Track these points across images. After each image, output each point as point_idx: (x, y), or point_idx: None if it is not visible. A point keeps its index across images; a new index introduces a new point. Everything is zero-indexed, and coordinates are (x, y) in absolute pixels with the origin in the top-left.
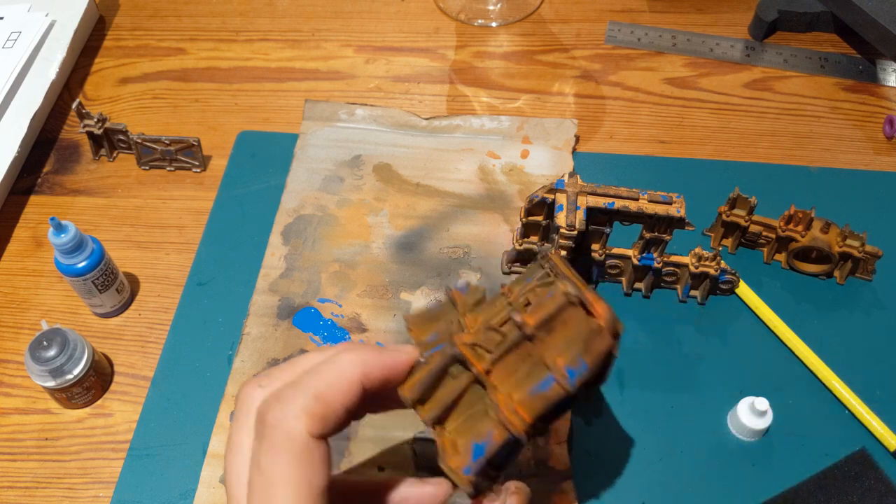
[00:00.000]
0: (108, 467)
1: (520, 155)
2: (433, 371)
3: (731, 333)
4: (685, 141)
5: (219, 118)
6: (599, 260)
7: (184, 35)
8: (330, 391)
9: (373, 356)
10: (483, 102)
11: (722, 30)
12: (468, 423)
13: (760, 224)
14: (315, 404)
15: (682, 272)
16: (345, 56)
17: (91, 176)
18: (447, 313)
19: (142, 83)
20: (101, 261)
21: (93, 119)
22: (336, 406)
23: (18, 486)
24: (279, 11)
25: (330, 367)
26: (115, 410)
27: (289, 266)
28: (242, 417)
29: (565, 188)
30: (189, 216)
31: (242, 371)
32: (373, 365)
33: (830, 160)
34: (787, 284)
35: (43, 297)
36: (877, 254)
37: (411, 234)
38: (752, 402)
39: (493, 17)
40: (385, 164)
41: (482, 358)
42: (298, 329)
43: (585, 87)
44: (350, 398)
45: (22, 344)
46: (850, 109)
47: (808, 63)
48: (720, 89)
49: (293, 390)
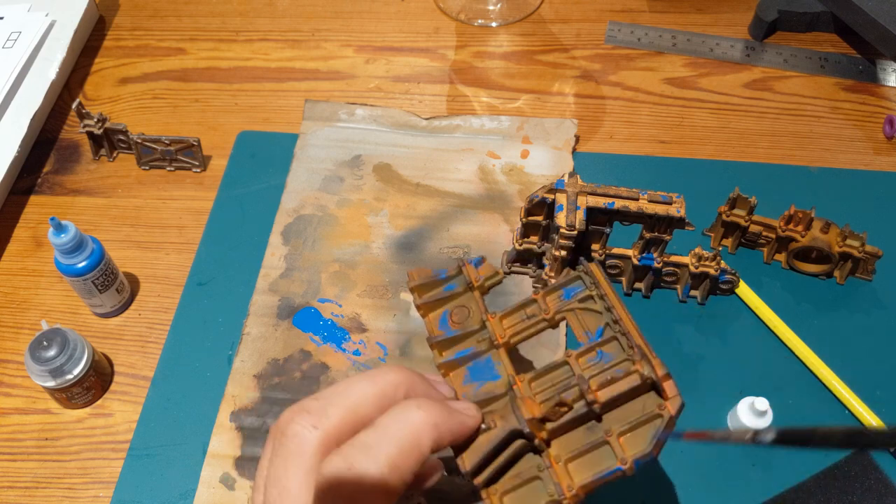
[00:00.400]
0: (108, 467)
1: (520, 155)
2: (495, 443)
3: (730, 333)
4: (685, 141)
5: (219, 118)
6: (599, 260)
7: (184, 35)
8: (403, 461)
9: (444, 420)
10: (483, 102)
11: (722, 30)
12: (522, 488)
13: (760, 224)
14: (390, 474)
15: (682, 272)
16: (345, 56)
17: (91, 176)
18: (459, 294)
19: (142, 83)
20: (101, 261)
21: (93, 119)
22: (407, 475)
23: (18, 486)
24: (279, 11)
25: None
26: (115, 410)
27: (289, 266)
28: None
29: (565, 188)
30: (189, 216)
31: (242, 371)
32: (444, 431)
33: (830, 160)
34: (787, 284)
35: (43, 297)
36: (877, 254)
37: (411, 234)
38: (751, 402)
39: (493, 17)
40: (385, 164)
41: (544, 428)
42: (298, 329)
43: (585, 87)
44: (420, 465)
45: (22, 344)
46: (850, 109)
47: (808, 63)
48: (720, 89)
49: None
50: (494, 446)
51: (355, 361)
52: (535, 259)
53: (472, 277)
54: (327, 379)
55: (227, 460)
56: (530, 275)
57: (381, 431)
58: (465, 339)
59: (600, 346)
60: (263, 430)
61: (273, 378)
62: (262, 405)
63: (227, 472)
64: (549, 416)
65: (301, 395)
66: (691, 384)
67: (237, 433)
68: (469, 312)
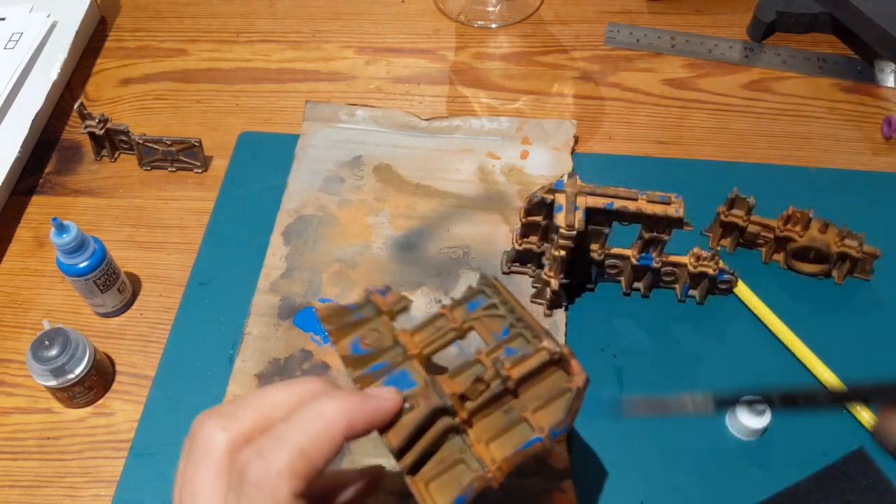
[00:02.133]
0: (109, 466)
1: (519, 155)
2: (420, 420)
3: (729, 333)
4: (684, 141)
5: (220, 119)
6: (598, 260)
7: (185, 36)
8: (314, 448)
9: (357, 406)
10: (483, 103)
11: (720, 31)
12: (447, 473)
13: (759, 224)
14: (299, 462)
15: (681, 272)
16: (345, 57)
17: (93, 176)
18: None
19: (143, 84)
20: (102, 261)
21: (94, 120)
22: (320, 463)
23: (20, 485)
24: (280, 13)
25: (312, 418)
26: (117, 410)
27: (289, 266)
28: (202, 459)
29: (564, 188)
30: (190, 216)
31: (244, 370)
32: (357, 416)
33: (828, 160)
34: (786, 284)
35: (45, 297)
36: (875, 254)
37: (411, 235)
38: (750, 402)
39: (492, 18)
40: (385, 165)
41: (463, 408)
42: (299, 329)
43: (584, 88)
44: (333, 453)
45: (24, 343)
46: (848, 110)
47: (806, 64)
48: (719, 90)
49: (273, 444)
50: (418, 423)
51: None
52: (534, 259)
53: (381, 304)
54: (328, 378)
55: None
56: (529, 275)
57: (291, 422)
58: (379, 355)
59: (507, 342)
60: None
61: (274, 378)
62: None
63: None
64: (468, 394)
65: None
66: (690, 383)
67: None
68: (380, 335)
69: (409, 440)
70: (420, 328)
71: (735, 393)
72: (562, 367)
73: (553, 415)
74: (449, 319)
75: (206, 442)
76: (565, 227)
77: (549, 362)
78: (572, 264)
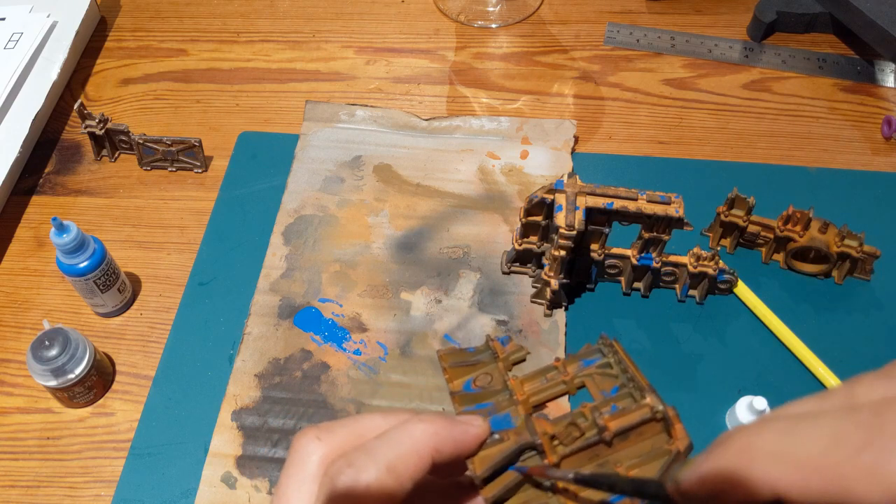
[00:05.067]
0: (109, 466)
1: (519, 155)
2: (507, 453)
3: (729, 333)
4: (684, 141)
5: (220, 119)
6: (598, 260)
7: (185, 36)
8: (402, 463)
9: (445, 429)
10: (483, 103)
11: (720, 31)
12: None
13: (759, 224)
14: (387, 476)
15: (681, 272)
16: (345, 57)
17: (93, 176)
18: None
19: (143, 84)
20: (102, 261)
21: (94, 120)
22: (405, 480)
23: (20, 485)
24: (280, 13)
25: (402, 436)
26: (117, 410)
27: (290, 266)
28: (297, 467)
29: (564, 188)
30: (190, 216)
31: (244, 370)
32: (445, 438)
33: (828, 160)
34: (786, 284)
35: (45, 297)
36: (875, 254)
37: (411, 235)
38: (750, 402)
39: (492, 18)
40: (385, 165)
41: (555, 451)
42: (299, 329)
43: (584, 88)
44: (420, 472)
45: (24, 343)
46: (848, 110)
47: (806, 64)
48: (719, 90)
49: (365, 458)
50: (505, 455)
51: (356, 361)
52: (534, 259)
53: (499, 351)
54: (328, 378)
55: (229, 459)
56: (529, 274)
57: (382, 438)
58: (487, 396)
59: (615, 400)
60: (265, 430)
61: (274, 377)
62: (263, 404)
63: (229, 470)
64: (560, 438)
65: (302, 394)
66: (690, 384)
67: (238, 432)
68: (492, 379)
69: (494, 471)
70: (531, 377)
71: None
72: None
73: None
74: (561, 373)
75: (302, 450)
76: (565, 227)
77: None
78: (572, 264)
